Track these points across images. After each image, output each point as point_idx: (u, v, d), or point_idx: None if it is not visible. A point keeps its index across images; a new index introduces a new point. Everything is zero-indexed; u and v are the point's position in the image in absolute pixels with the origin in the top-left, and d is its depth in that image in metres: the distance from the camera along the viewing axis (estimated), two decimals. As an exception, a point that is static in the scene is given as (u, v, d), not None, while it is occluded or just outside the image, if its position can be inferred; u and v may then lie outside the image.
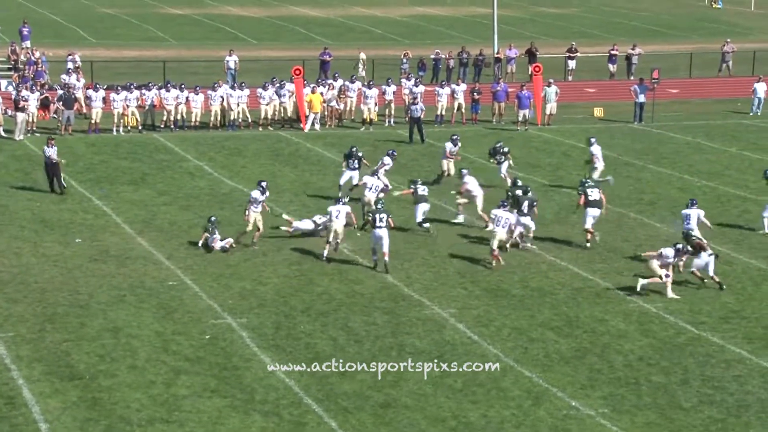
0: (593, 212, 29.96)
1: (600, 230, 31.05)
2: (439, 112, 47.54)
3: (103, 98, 44.25)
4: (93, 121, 44.02)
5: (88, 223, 31.82)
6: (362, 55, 58.75)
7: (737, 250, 30.17)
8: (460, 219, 32.33)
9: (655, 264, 26.39)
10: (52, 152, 34.95)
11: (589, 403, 20.74)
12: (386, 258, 27.84)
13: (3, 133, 42.99)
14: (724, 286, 27.07)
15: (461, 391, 21.13)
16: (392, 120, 47.54)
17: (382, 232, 27.88)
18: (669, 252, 26.46)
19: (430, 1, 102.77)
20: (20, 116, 42.59)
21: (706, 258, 27.02)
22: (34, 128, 43.47)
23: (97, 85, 45.12)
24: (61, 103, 44.04)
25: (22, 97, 42.89)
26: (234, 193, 35.59)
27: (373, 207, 29.74)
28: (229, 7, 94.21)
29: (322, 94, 46.60)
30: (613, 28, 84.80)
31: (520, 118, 46.75)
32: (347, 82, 47.92)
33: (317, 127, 46.25)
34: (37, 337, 23.33)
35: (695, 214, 29.67)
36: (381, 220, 28.00)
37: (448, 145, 36.42)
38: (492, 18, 63.82)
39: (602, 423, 20.03)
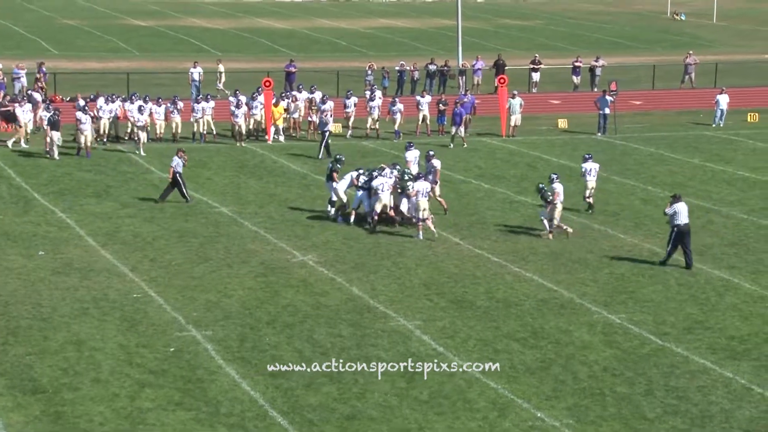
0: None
1: (564, 241, 31.14)
2: (396, 127, 46.95)
3: (92, 118, 43.35)
4: (84, 145, 42.15)
5: (51, 236, 31.63)
6: (221, 67, 57.61)
7: (701, 261, 30.28)
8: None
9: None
10: (179, 163, 35.39)
11: (554, 414, 20.77)
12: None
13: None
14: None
15: (427, 403, 21.12)
16: (350, 133, 47.33)
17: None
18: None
19: (395, 13, 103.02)
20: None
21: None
22: None
23: (86, 108, 43.01)
24: (49, 127, 42.01)
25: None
26: (199, 205, 35.46)
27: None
28: (194, 18, 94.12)
29: (285, 108, 46.53)
30: (576, 40, 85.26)
31: (452, 132, 45.64)
32: (309, 94, 47.82)
33: (281, 138, 46.20)
34: (0, 350, 23.15)
35: None
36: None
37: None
38: (456, 30, 63.97)
39: (567, 434, 20.08)
